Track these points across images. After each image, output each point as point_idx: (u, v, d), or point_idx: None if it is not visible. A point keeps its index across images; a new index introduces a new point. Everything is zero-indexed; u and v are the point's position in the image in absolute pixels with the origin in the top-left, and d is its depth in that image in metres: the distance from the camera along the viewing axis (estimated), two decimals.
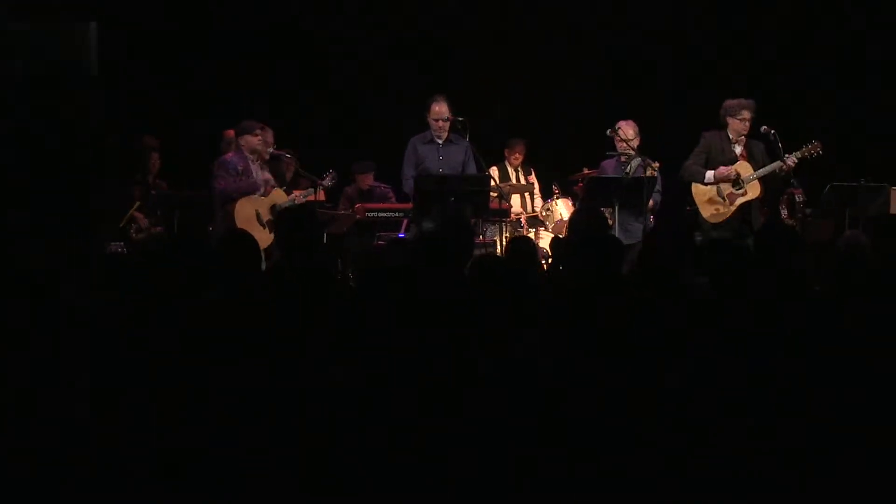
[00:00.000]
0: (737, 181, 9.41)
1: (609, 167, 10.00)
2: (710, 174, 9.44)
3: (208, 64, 11.88)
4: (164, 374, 4.23)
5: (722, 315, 4.84)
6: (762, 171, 9.41)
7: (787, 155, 9.34)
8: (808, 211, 9.76)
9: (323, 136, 11.88)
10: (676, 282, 5.43)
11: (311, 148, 11.10)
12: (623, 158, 9.86)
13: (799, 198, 9.63)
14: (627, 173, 9.68)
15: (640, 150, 9.77)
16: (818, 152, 9.34)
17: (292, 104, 11.83)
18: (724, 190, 9.45)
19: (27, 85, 7.48)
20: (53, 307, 4.75)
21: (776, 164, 9.36)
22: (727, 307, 4.92)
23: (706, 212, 9.48)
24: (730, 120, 9.53)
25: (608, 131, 9.87)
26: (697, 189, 9.54)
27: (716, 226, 9.45)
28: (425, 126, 9.55)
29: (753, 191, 9.44)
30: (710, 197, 9.50)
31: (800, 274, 5.18)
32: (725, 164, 9.47)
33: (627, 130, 9.85)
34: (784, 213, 9.75)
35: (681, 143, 9.99)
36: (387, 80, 12.24)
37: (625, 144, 9.77)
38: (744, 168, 9.48)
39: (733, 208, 9.44)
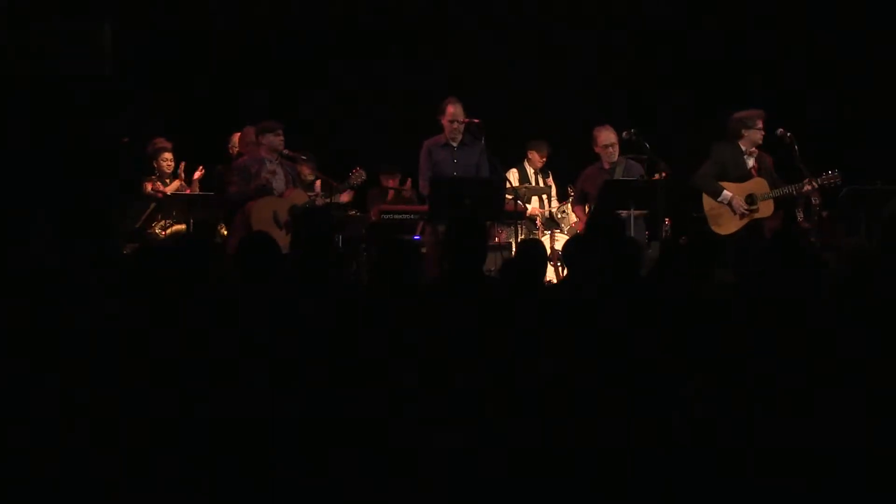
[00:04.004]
0: (750, 197, 9.37)
1: (594, 173, 9.99)
2: (726, 194, 9.37)
3: (218, 65, 11.95)
4: (174, 375, 4.25)
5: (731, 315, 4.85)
6: (778, 192, 9.38)
7: (807, 179, 9.30)
8: (824, 214, 9.72)
9: (339, 138, 11.93)
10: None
11: (326, 149, 11.14)
12: (607, 165, 9.88)
13: (815, 201, 9.57)
14: (642, 177, 9.69)
15: (623, 151, 9.80)
16: (836, 182, 9.30)
17: (302, 105, 11.85)
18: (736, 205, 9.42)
19: (42, 85, 7.53)
20: (65, 307, 4.77)
21: (793, 187, 9.32)
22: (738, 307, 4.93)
23: (715, 223, 9.43)
24: (746, 132, 9.46)
25: (623, 133, 9.87)
26: (708, 200, 9.49)
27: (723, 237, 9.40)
28: (437, 128, 9.53)
29: (766, 209, 9.40)
30: (720, 210, 9.45)
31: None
32: (740, 178, 9.43)
33: (609, 135, 9.88)
34: (800, 216, 9.71)
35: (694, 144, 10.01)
36: (398, 80, 12.27)
37: (609, 150, 9.83)
38: (759, 185, 9.42)
39: (743, 223, 9.39)
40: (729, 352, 4.41)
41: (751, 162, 9.53)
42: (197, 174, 10.65)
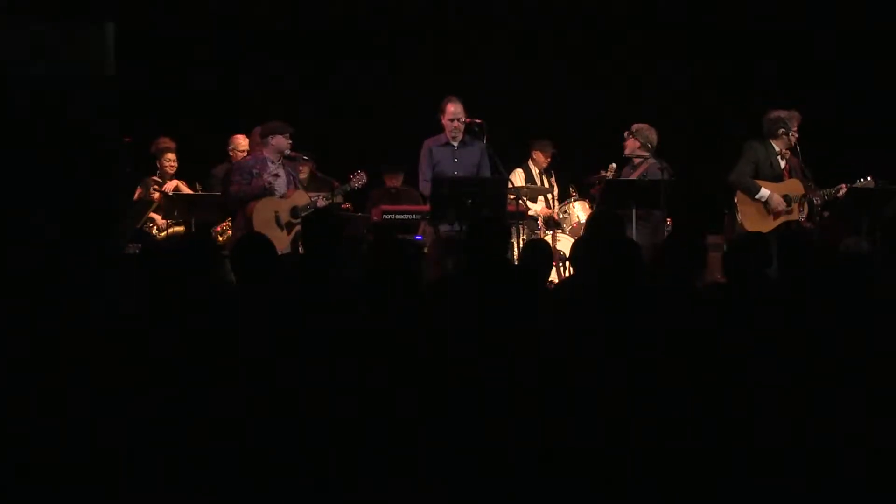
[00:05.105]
0: (786, 198, 9.40)
1: (626, 176, 9.95)
2: (764, 192, 9.38)
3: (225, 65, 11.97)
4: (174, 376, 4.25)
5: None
6: (812, 195, 9.43)
7: (842, 184, 9.40)
8: (825, 214, 9.73)
9: (342, 138, 11.94)
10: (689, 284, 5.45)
11: (327, 149, 11.15)
12: (637, 161, 9.82)
13: (817, 200, 9.58)
14: (644, 175, 9.65)
15: (657, 154, 9.71)
16: (870, 188, 9.37)
17: (303, 105, 11.85)
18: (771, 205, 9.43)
19: (45, 85, 7.52)
20: (65, 307, 4.77)
21: (826, 190, 9.38)
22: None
23: (749, 222, 9.43)
24: (783, 133, 9.49)
25: (625, 133, 9.87)
26: (743, 198, 9.49)
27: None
28: (438, 128, 9.53)
29: (798, 210, 9.44)
30: (756, 208, 9.45)
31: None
32: (774, 178, 9.48)
33: (643, 133, 9.82)
34: (802, 216, 9.71)
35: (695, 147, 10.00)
36: (400, 80, 12.27)
37: (635, 148, 9.76)
38: (794, 187, 9.46)
39: (776, 224, 9.41)
40: (729, 352, 4.41)
41: (783, 163, 9.56)
42: (169, 187, 10.64)
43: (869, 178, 9.40)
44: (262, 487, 3.95)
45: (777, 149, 9.54)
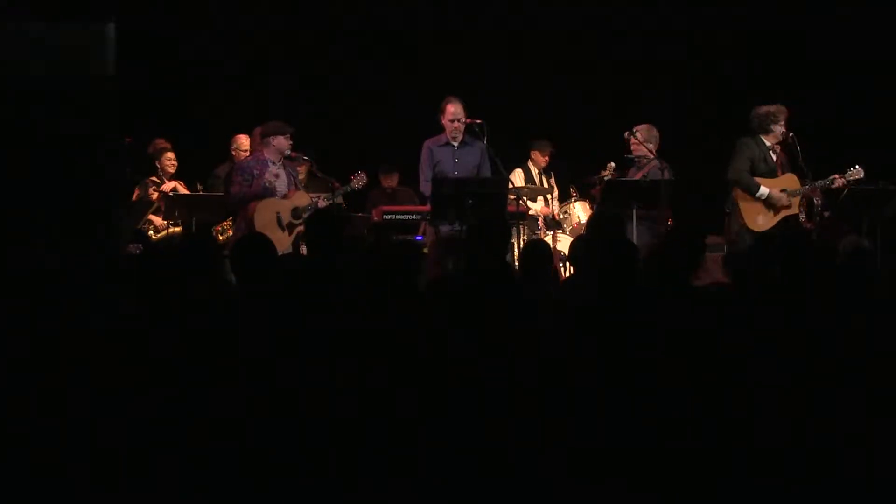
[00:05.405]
0: (783, 191, 9.41)
1: (632, 176, 9.94)
2: (764, 190, 9.40)
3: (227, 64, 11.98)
4: (174, 376, 4.25)
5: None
6: (809, 188, 9.44)
7: (836, 175, 9.39)
8: (826, 214, 9.73)
9: (341, 139, 11.94)
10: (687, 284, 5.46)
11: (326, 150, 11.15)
12: (642, 162, 9.82)
13: (817, 200, 9.60)
14: (645, 176, 9.65)
15: (660, 154, 9.70)
16: (861, 178, 9.39)
17: (302, 105, 11.85)
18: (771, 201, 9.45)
19: (44, 85, 7.51)
20: (65, 307, 4.77)
21: (822, 182, 9.39)
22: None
23: (750, 220, 9.44)
24: (774, 127, 9.51)
25: (625, 133, 9.86)
26: (743, 195, 9.49)
27: (756, 234, 9.41)
28: (438, 128, 9.52)
29: (795, 205, 9.46)
30: (757, 206, 9.46)
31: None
32: (768, 173, 9.50)
33: (645, 133, 9.81)
34: (802, 216, 9.72)
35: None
36: (400, 80, 12.27)
37: (641, 148, 9.73)
38: (791, 181, 9.48)
39: (777, 219, 9.42)
40: (729, 352, 4.41)
41: (775, 157, 9.58)
42: (167, 187, 10.63)
43: (858, 167, 9.42)
44: (262, 487, 3.94)
45: (768, 144, 9.57)
